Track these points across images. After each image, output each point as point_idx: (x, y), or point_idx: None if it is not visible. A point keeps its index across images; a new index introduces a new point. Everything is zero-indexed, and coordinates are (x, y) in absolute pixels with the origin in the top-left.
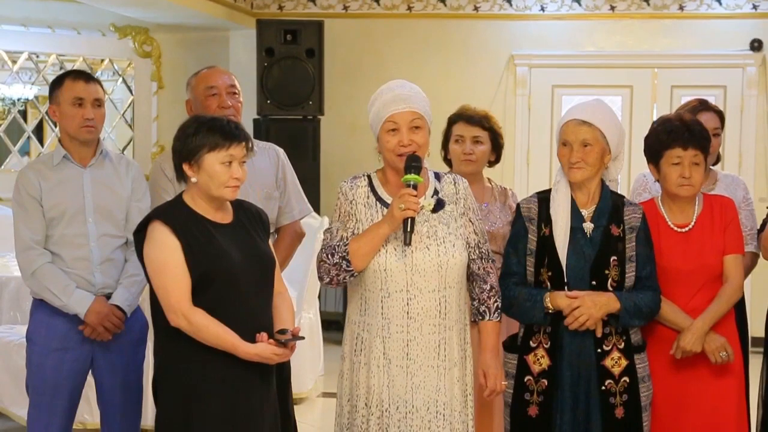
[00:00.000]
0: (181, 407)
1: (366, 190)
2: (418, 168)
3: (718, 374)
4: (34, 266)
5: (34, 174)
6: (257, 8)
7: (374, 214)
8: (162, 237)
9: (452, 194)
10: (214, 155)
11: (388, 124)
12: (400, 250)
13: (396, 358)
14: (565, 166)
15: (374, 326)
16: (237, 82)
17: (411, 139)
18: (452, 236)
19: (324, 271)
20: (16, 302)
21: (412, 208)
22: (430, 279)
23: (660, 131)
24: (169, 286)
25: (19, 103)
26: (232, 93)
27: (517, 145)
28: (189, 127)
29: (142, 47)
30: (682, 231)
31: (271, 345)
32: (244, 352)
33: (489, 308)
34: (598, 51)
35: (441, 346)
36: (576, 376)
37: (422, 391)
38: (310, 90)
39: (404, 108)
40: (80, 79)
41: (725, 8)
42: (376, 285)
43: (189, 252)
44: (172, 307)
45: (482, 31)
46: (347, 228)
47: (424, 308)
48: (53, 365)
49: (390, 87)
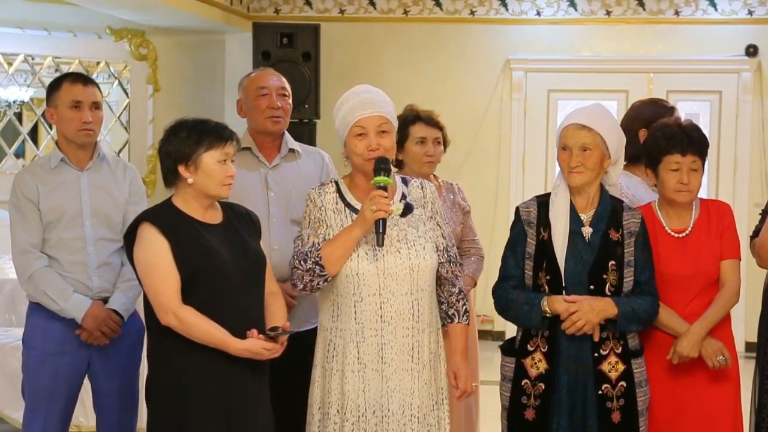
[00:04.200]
0: (174, 407)
1: (334, 197)
2: (387, 170)
3: (715, 379)
4: (31, 270)
5: (31, 177)
6: (253, 11)
7: (344, 219)
8: (150, 237)
9: (420, 198)
10: (211, 154)
11: (356, 129)
12: (372, 254)
13: (371, 362)
14: (564, 171)
15: (348, 331)
16: (288, 85)
17: (379, 143)
18: (422, 239)
19: (297, 277)
20: (11, 305)
21: (383, 209)
22: (403, 282)
23: (659, 137)
24: (158, 285)
25: (14, 105)
26: (282, 95)
27: (512, 149)
28: (179, 130)
29: (138, 50)
30: (679, 236)
31: (260, 340)
32: (234, 348)
33: (458, 311)
34: (594, 56)
35: (414, 349)
36: (573, 380)
37: (397, 394)
38: (306, 93)
39: (371, 112)
40: (78, 82)
41: (721, 14)
42: (348, 290)
43: (178, 251)
44: (161, 306)
45: (478, 36)
46: (318, 234)
47: (397, 311)
48: (50, 369)
49: (356, 92)
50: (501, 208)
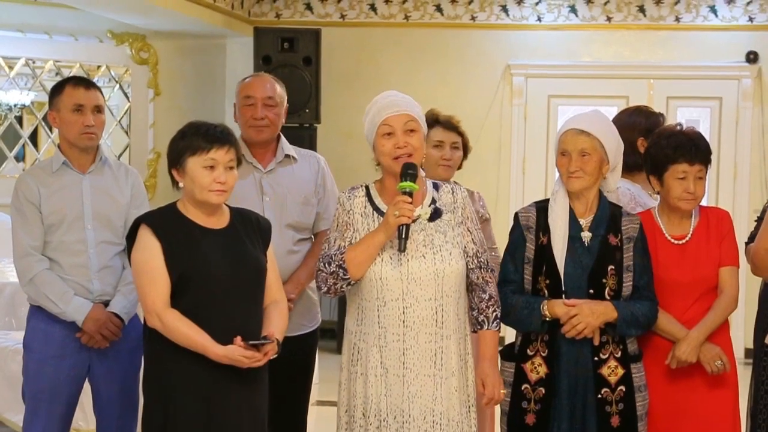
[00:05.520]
0: (159, 407)
1: (363, 200)
2: (414, 175)
3: (714, 385)
4: (32, 273)
5: (33, 180)
6: (254, 16)
7: (371, 223)
8: (145, 239)
9: (450, 203)
10: (195, 159)
11: (384, 128)
12: (396, 259)
13: (392, 367)
14: (563, 175)
15: (371, 335)
16: (279, 92)
17: (406, 141)
18: (449, 245)
19: (321, 280)
20: (11, 308)
21: (406, 214)
22: (426, 288)
23: (665, 145)
24: (146, 286)
25: (15, 108)
26: (269, 105)
27: (513, 154)
28: (179, 133)
29: (139, 54)
30: (678, 243)
31: (240, 348)
32: (214, 353)
33: (488, 318)
34: (595, 61)
35: (438, 355)
36: (573, 384)
37: (419, 400)
38: (306, 98)
39: (398, 111)
40: (81, 85)
41: (721, 20)
42: (372, 294)
43: (169, 254)
44: (147, 308)
45: (479, 41)
46: (345, 237)
47: (420, 317)
48: (50, 373)
49: (383, 95)
50: (501, 213)
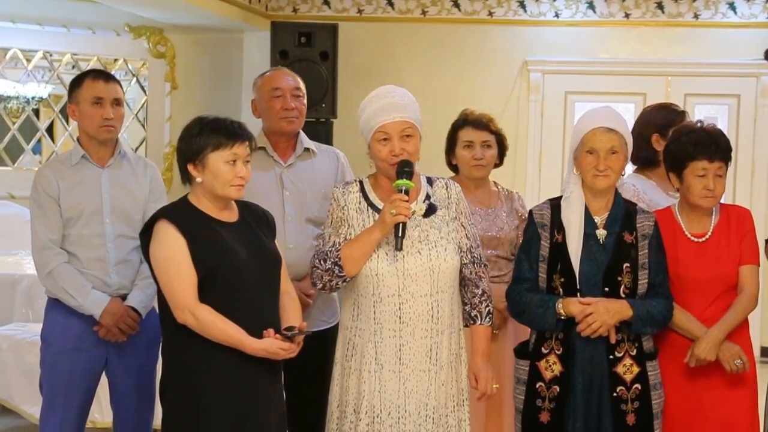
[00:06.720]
0: (189, 405)
1: (357, 196)
2: (410, 173)
3: (732, 384)
4: (51, 266)
5: (52, 173)
6: (272, 10)
7: (366, 219)
8: (167, 235)
9: (444, 198)
10: (218, 154)
11: (379, 134)
12: (392, 255)
13: (388, 363)
14: (588, 173)
15: (366, 331)
16: (302, 84)
17: (402, 148)
18: (444, 240)
19: (317, 276)
20: (28, 300)
21: (403, 213)
22: (422, 283)
23: (685, 142)
24: (174, 282)
25: (33, 101)
26: (297, 95)
27: (529, 150)
28: (193, 128)
29: (157, 47)
30: (698, 241)
31: (277, 340)
32: (251, 347)
33: (480, 313)
34: (612, 58)
35: (432, 350)
36: (588, 382)
37: (414, 395)
38: (323, 93)
39: (394, 118)
40: (100, 78)
41: (740, 17)
42: (368, 290)
43: (194, 249)
44: (178, 304)
45: (496, 37)
46: (339, 234)
47: (416, 313)
48: (68, 365)
49: (379, 95)
50: None
